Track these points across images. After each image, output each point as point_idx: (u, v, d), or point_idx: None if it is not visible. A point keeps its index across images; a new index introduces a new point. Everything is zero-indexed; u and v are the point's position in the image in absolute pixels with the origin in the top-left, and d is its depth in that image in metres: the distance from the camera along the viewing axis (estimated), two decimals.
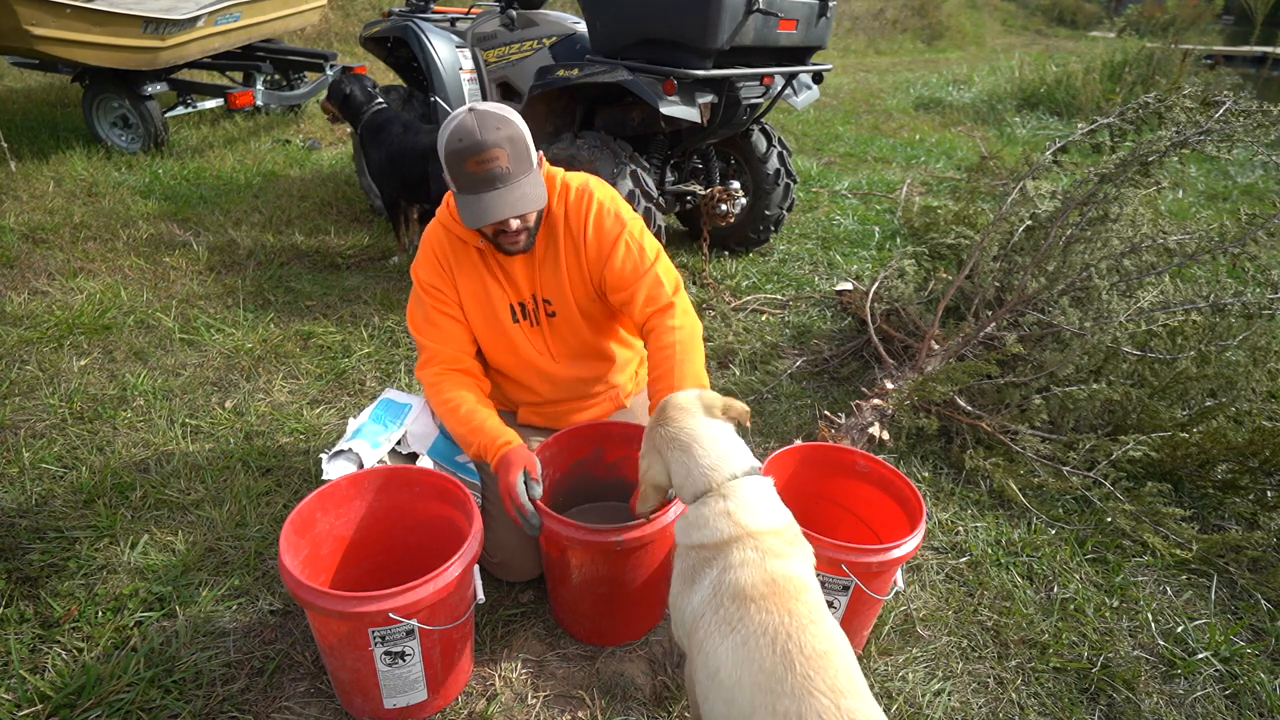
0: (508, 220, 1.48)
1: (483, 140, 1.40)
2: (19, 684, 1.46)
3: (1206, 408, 2.29)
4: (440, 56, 3.68)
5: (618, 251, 1.61)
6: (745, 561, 1.09)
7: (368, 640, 1.29)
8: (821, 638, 1.01)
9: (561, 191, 1.64)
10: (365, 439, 1.72)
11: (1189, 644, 1.72)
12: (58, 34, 4.42)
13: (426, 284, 1.67)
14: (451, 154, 1.43)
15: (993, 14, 19.32)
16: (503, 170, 1.43)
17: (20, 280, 3.23)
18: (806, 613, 1.04)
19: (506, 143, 1.42)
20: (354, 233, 4.03)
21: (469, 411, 1.60)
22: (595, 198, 1.63)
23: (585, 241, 1.63)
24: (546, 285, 1.68)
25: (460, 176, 1.44)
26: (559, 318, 1.71)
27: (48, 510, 1.95)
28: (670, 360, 1.54)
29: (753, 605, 1.05)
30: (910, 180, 5.43)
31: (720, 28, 2.67)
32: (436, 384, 1.66)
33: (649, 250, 1.64)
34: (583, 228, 1.62)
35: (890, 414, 2.31)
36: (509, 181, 1.44)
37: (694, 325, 1.63)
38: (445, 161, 1.45)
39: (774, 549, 1.11)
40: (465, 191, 1.46)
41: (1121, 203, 2.44)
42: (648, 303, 1.62)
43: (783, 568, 1.09)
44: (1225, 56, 10.36)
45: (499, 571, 1.76)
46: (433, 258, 1.67)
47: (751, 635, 1.02)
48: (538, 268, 1.67)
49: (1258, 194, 5.45)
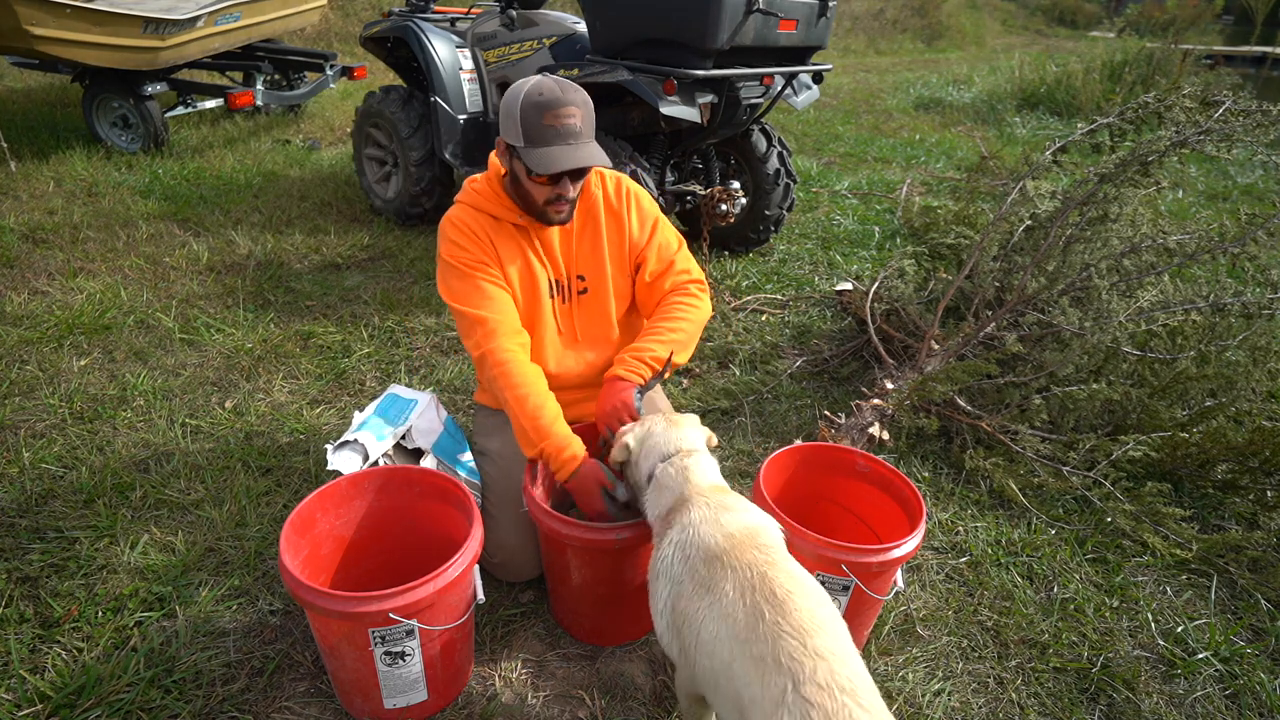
0: (567, 185, 1.54)
1: (563, 97, 1.47)
2: (19, 684, 1.46)
3: (1206, 408, 2.29)
4: (440, 56, 3.68)
5: (659, 231, 1.77)
6: (703, 519, 1.22)
7: (368, 640, 1.29)
8: (783, 579, 1.10)
9: (599, 177, 1.75)
10: (370, 431, 1.72)
11: (1189, 644, 1.72)
12: (58, 34, 4.42)
13: (470, 260, 1.63)
14: (530, 106, 1.46)
15: (993, 14, 19.33)
16: (577, 127, 1.49)
17: (20, 280, 3.23)
18: (764, 559, 1.13)
19: (582, 104, 1.50)
20: (354, 233, 4.03)
21: (537, 406, 1.55)
22: (630, 186, 1.77)
23: (630, 220, 1.74)
24: (583, 261, 1.73)
25: (536, 128, 1.47)
26: (590, 294, 1.75)
27: (48, 510, 1.95)
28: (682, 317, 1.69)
29: (718, 563, 1.15)
30: (910, 180, 5.43)
31: (720, 28, 2.67)
32: (508, 363, 1.58)
33: (674, 238, 1.81)
34: (627, 208, 1.74)
35: (890, 414, 2.31)
36: (580, 140, 1.50)
37: (707, 308, 1.77)
38: (521, 114, 1.47)
39: (724, 504, 1.25)
40: (539, 145, 1.49)
41: (1121, 203, 2.44)
42: (682, 273, 1.76)
43: (736, 520, 1.22)
44: (1225, 56, 10.37)
45: (499, 571, 1.76)
46: (468, 234, 1.63)
47: (724, 593, 1.11)
48: (574, 242, 1.72)
49: (1258, 194, 5.45)
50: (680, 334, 1.67)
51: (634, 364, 1.61)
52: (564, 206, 1.59)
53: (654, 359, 1.62)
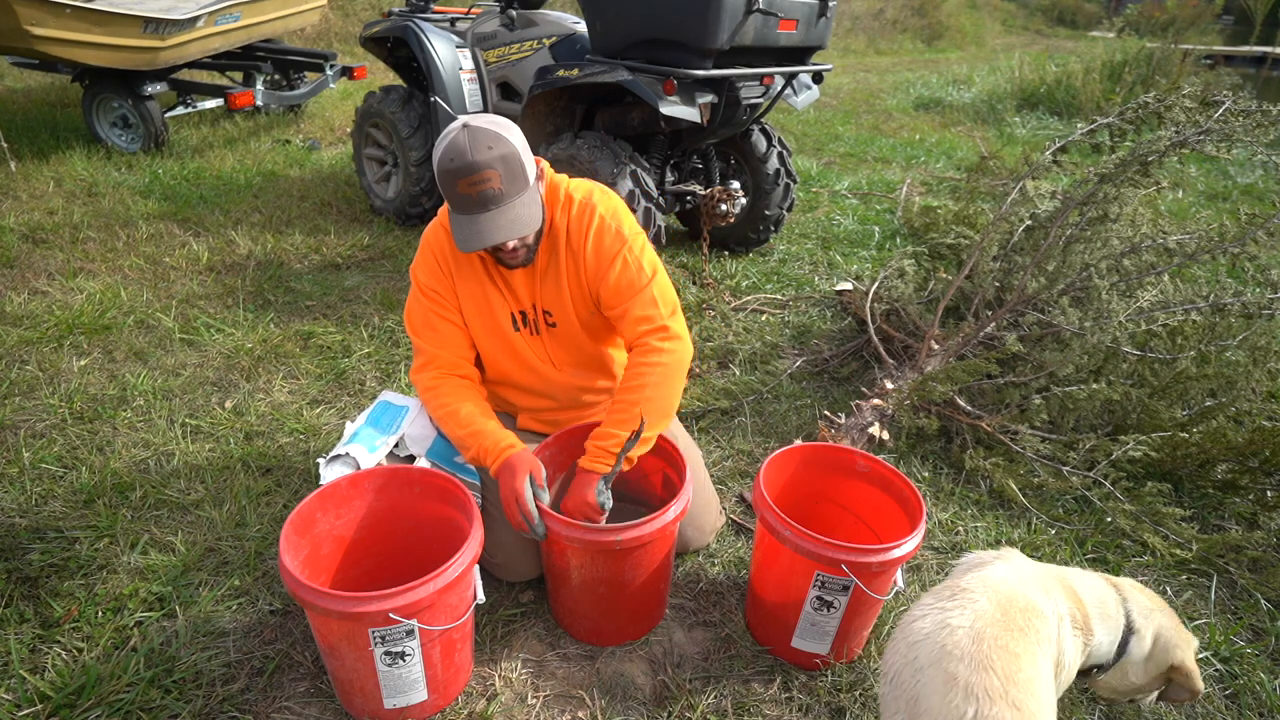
0: (505, 245, 1.48)
1: (474, 161, 1.36)
2: (19, 684, 1.46)
3: (1206, 408, 2.29)
4: (440, 56, 3.68)
5: (614, 268, 1.59)
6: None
7: (368, 640, 1.29)
8: (1025, 658, 1.02)
9: (565, 203, 1.61)
10: (362, 443, 1.71)
11: None
12: (58, 34, 4.42)
13: (426, 286, 1.66)
14: (443, 174, 1.40)
15: (993, 14, 19.32)
16: (495, 192, 1.39)
17: (20, 280, 3.23)
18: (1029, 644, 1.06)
19: (499, 162, 1.38)
20: (354, 233, 4.03)
21: (468, 415, 1.60)
22: (597, 212, 1.60)
23: (585, 256, 1.61)
24: (548, 297, 1.67)
25: (453, 197, 1.42)
26: (559, 328, 1.71)
27: (48, 510, 1.94)
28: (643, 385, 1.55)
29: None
30: (910, 180, 5.43)
31: (720, 28, 2.67)
32: (434, 388, 1.65)
33: (646, 268, 1.61)
34: (583, 243, 1.60)
35: (890, 414, 2.31)
36: (502, 203, 1.41)
37: (683, 352, 1.60)
38: (438, 179, 1.43)
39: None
40: (459, 212, 1.44)
41: (1121, 203, 2.44)
42: (641, 321, 1.59)
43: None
44: (1225, 56, 10.35)
45: (499, 572, 1.76)
46: (433, 260, 1.66)
47: (959, 612, 1.06)
48: (539, 280, 1.65)
49: (1257, 194, 5.45)
50: (646, 404, 1.53)
51: (598, 454, 1.54)
52: (515, 254, 1.55)
53: (617, 445, 1.53)
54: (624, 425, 1.54)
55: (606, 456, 1.54)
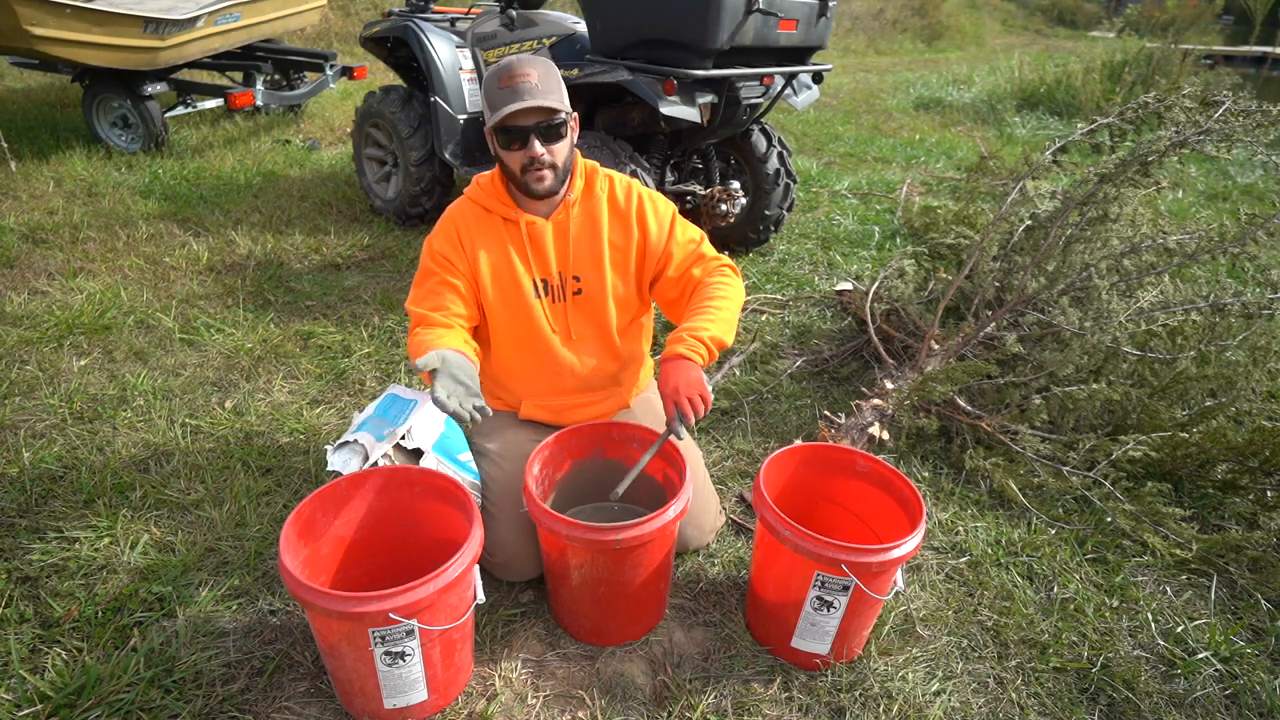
0: (534, 144, 1.52)
1: (518, 61, 1.50)
2: (19, 684, 1.46)
3: (1206, 408, 2.29)
4: (440, 56, 3.68)
5: (677, 227, 1.74)
6: None
7: (368, 640, 1.29)
8: None
9: (605, 179, 1.73)
10: (370, 431, 1.72)
11: (1189, 644, 1.72)
12: (58, 34, 4.42)
13: (437, 252, 1.66)
14: (490, 77, 1.51)
15: (993, 14, 19.33)
16: (531, 85, 1.49)
17: (20, 280, 3.23)
18: None
19: (539, 65, 1.51)
20: (354, 233, 4.03)
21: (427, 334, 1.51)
22: (642, 190, 1.74)
23: (645, 223, 1.72)
24: (580, 262, 1.70)
25: (494, 93, 1.50)
26: (585, 295, 1.72)
27: (48, 510, 1.95)
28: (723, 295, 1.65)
29: None
30: (910, 180, 5.43)
31: (720, 28, 2.67)
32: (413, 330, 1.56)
33: (693, 229, 1.78)
34: (639, 211, 1.72)
35: (890, 414, 2.31)
36: (536, 95, 1.49)
37: (741, 289, 1.74)
38: (485, 88, 1.53)
39: None
40: (496, 106, 1.50)
41: (1121, 203, 2.44)
42: (712, 259, 1.74)
43: None
44: (1225, 56, 10.36)
45: (499, 571, 1.76)
46: (452, 229, 1.68)
47: None
48: (573, 244, 1.69)
49: (1258, 194, 5.45)
50: (726, 312, 1.63)
51: (694, 344, 1.57)
52: (543, 173, 1.57)
53: (712, 339, 1.58)
54: (710, 322, 1.60)
55: (702, 348, 1.57)
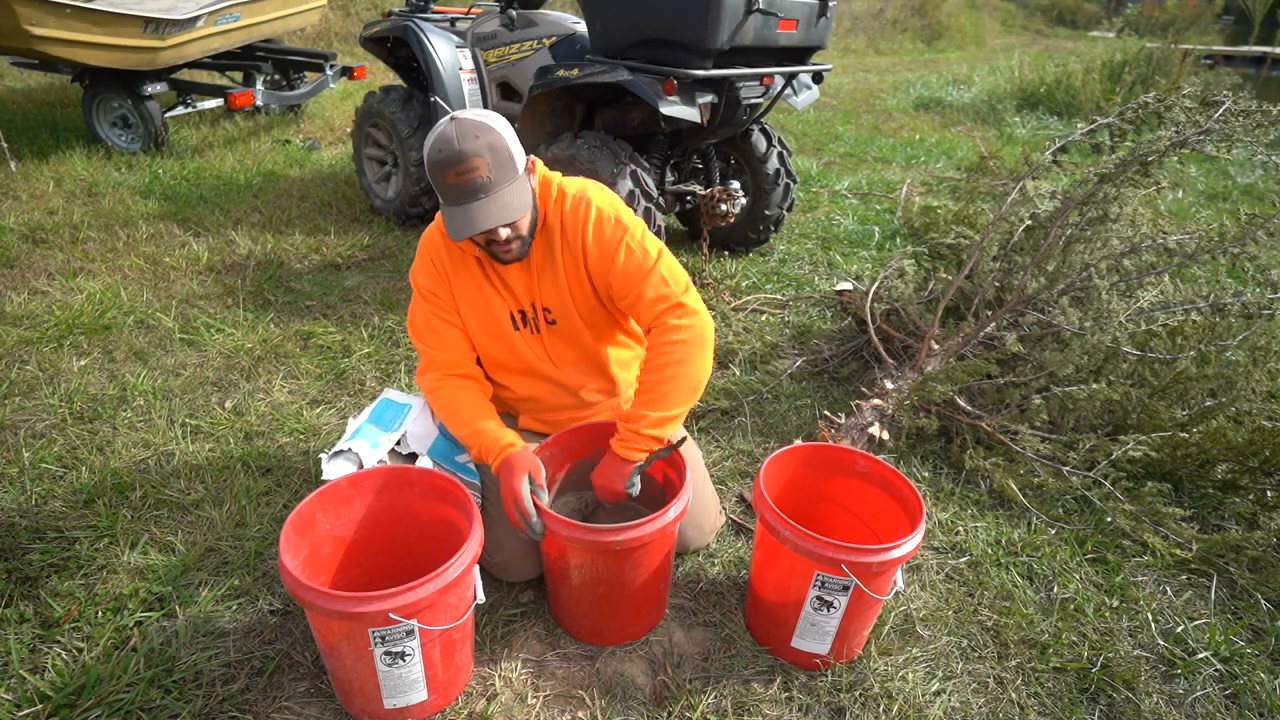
0: (496, 229, 1.47)
1: (461, 150, 1.37)
2: (19, 684, 1.46)
3: (1206, 408, 2.29)
4: (440, 56, 3.68)
5: (619, 256, 1.58)
6: None
7: (368, 640, 1.29)
8: None
9: (558, 199, 1.60)
10: (365, 439, 1.72)
11: (1189, 644, 1.72)
12: (58, 34, 4.42)
13: (425, 289, 1.69)
14: (433, 165, 1.41)
15: (993, 14, 19.32)
16: (484, 180, 1.40)
17: (20, 280, 3.23)
18: None
19: (486, 150, 1.39)
20: (354, 233, 4.03)
21: (470, 414, 1.63)
22: (593, 205, 1.59)
23: (585, 250, 1.60)
24: (546, 294, 1.67)
25: (442, 188, 1.43)
26: (559, 325, 1.71)
27: (48, 510, 1.94)
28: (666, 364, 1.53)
29: None
30: (910, 180, 5.43)
31: (720, 28, 2.67)
32: (436, 389, 1.68)
33: (651, 251, 1.60)
34: (581, 237, 1.59)
35: (890, 414, 2.31)
36: (490, 191, 1.41)
37: (701, 325, 1.57)
38: (428, 173, 1.44)
39: None
40: (449, 203, 1.45)
41: (1121, 203, 2.44)
42: (656, 302, 1.57)
43: None
44: (1225, 56, 10.35)
45: (499, 572, 1.76)
46: (429, 262, 1.68)
47: None
48: (536, 276, 1.66)
49: (1258, 194, 5.45)
50: (671, 382, 1.52)
51: (630, 437, 1.53)
52: (509, 246, 1.53)
53: (651, 426, 1.52)
54: (652, 406, 1.53)
55: (638, 440, 1.53)
